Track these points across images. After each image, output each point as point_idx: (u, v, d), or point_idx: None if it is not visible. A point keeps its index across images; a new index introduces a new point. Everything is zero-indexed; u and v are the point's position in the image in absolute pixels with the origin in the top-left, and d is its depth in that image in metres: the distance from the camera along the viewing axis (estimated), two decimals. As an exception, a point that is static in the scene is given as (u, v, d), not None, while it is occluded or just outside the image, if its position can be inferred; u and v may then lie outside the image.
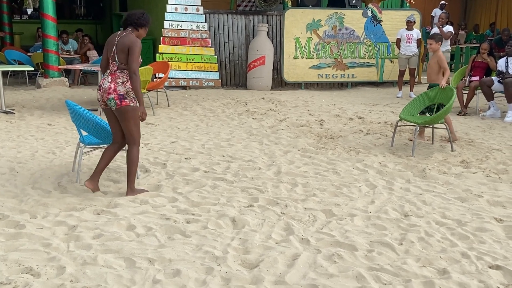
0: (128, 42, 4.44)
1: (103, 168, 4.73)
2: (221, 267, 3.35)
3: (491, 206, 4.56)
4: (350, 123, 7.98)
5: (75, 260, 3.40)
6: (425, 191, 4.94)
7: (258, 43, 11.56)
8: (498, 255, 3.57)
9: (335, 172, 5.47)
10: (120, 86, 4.46)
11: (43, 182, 5.02)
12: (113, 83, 4.46)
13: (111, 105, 4.49)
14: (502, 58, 8.76)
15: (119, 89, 4.45)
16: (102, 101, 4.55)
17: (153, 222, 4.07)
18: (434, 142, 6.72)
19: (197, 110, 8.96)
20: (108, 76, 4.52)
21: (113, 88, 4.45)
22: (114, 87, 4.45)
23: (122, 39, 4.48)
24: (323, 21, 11.82)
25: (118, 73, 4.48)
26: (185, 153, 6.19)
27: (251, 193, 4.80)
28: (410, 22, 10.76)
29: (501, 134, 7.29)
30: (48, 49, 10.77)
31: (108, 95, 4.46)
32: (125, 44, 4.44)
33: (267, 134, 7.19)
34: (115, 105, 4.46)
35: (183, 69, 11.43)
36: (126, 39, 4.46)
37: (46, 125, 7.68)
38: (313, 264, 3.39)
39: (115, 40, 4.51)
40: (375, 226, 4.08)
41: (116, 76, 4.48)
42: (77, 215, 4.19)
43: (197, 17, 11.49)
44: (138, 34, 4.60)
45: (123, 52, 4.45)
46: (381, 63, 12.28)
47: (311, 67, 11.95)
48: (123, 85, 4.46)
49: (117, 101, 4.45)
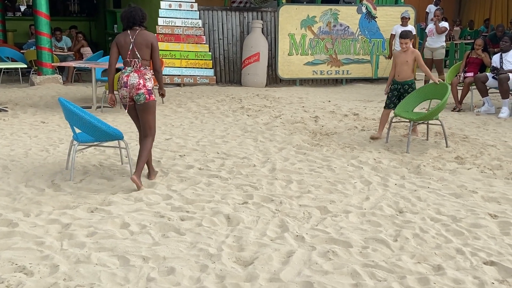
0: (151, 38, 4.75)
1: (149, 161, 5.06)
2: (215, 264, 3.33)
3: (486, 202, 4.56)
4: (345, 120, 7.98)
5: (69, 259, 3.38)
6: (420, 187, 4.93)
7: (253, 39, 11.53)
8: (493, 251, 3.58)
9: (330, 169, 5.47)
10: (148, 82, 4.76)
11: (37, 180, 4.99)
12: (142, 79, 4.71)
13: (140, 99, 4.73)
14: (496, 54, 8.78)
15: (148, 84, 4.75)
16: (129, 97, 4.76)
17: (147, 219, 4.05)
18: (429, 138, 6.72)
19: (192, 107, 8.93)
20: (134, 73, 4.73)
21: (142, 84, 4.72)
22: (144, 83, 4.72)
23: (141, 37, 4.73)
24: (317, 17, 11.80)
25: (143, 70, 4.76)
26: (179, 150, 6.17)
27: (246, 190, 4.78)
28: (405, 18, 10.74)
29: (496, 130, 7.30)
30: (41, 46, 10.71)
31: (137, 91, 4.70)
32: (148, 40, 4.74)
33: (262, 131, 7.17)
34: (144, 99, 4.72)
35: (178, 66, 11.39)
36: (146, 36, 4.75)
37: (39, 122, 7.64)
38: (308, 261, 3.39)
39: (131, 39, 4.72)
40: (370, 223, 4.08)
41: (143, 73, 4.74)
42: (70, 213, 4.16)
43: (191, 13, 11.44)
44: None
45: (146, 48, 4.72)
46: (375, 59, 12.28)
47: (305, 63, 11.93)
48: (150, 81, 4.79)
49: (147, 95, 4.73)
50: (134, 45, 4.70)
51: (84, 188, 4.82)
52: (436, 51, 10.52)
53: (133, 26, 4.76)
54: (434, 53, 10.53)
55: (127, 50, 4.72)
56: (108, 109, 8.58)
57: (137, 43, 4.71)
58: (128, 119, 7.98)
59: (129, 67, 4.76)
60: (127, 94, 4.74)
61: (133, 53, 4.72)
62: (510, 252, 3.56)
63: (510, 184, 5.03)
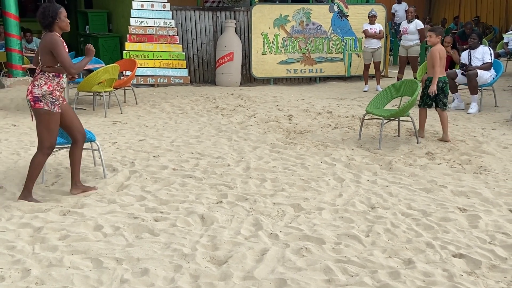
0: (47, 42, 4.38)
1: (78, 170, 4.74)
2: (189, 264, 3.34)
3: (455, 196, 4.67)
4: (318, 118, 8.05)
5: (41, 262, 3.35)
6: (392, 183, 5.02)
7: (226, 39, 11.53)
8: (462, 244, 3.67)
9: (304, 167, 5.52)
10: (36, 88, 4.43)
11: (8, 183, 4.92)
12: (31, 85, 4.48)
13: (28, 105, 4.50)
14: (465, 51, 8.94)
15: (34, 91, 4.43)
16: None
17: (121, 221, 4.03)
18: (400, 135, 6.83)
19: (166, 108, 8.90)
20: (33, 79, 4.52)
21: (29, 90, 4.46)
22: (31, 89, 4.45)
23: (42, 42, 4.43)
24: (290, 16, 11.86)
25: (39, 75, 4.47)
26: (153, 151, 6.15)
27: (220, 190, 4.80)
28: (374, 16, 10.87)
29: (465, 126, 7.45)
30: (11, 48, 10.52)
31: (26, 96, 4.49)
32: (46, 46, 4.39)
33: (236, 130, 7.19)
34: (30, 107, 4.48)
35: (151, 66, 11.33)
36: (44, 40, 4.40)
37: (10, 125, 7.52)
38: (281, 259, 3.42)
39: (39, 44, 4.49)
40: (342, 219, 4.14)
41: (36, 79, 4.46)
42: (42, 216, 4.12)
43: (163, 13, 11.38)
44: (60, 28, 4.47)
45: (46, 54, 4.41)
46: (348, 58, 12.40)
47: (279, 62, 11.98)
48: (39, 88, 4.43)
49: (32, 102, 4.44)
50: (39, 50, 4.45)
51: (57, 191, 4.77)
52: (410, 49, 10.64)
53: (43, 29, 4.46)
54: (409, 50, 10.65)
55: (36, 56, 4.53)
56: (81, 111, 8.49)
57: (40, 49, 4.43)
58: (101, 120, 7.92)
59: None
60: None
61: (37, 59, 4.49)
62: (478, 245, 3.65)
63: (479, 178, 5.15)
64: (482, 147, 6.16)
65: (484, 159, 5.74)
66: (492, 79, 8.69)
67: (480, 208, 4.35)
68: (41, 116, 4.44)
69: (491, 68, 8.63)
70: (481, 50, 8.66)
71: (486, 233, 3.87)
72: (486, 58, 8.60)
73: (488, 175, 5.25)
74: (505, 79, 11.27)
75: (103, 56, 12.27)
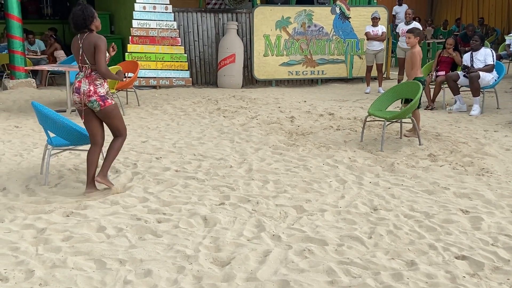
0: (94, 41, 4.50)
1: (94, 173, 4.76)
2: (192, 265, 3.35)
3: (458, 198, 4.67)
4: (320, 120, 8.05)
5: (44, 263, 3.36)
6: (394, 185, 5.02)
7: (228, 41, 11.55)
8: (464, 245, 3.67)
9: (306, 168, 5.52)
10: (99, 87, 4.57)
11: (11, 185, 4.93)
12: (92, 85, 4.55)
13: (94, 106, 4.57)
14: (467, 53, 8.95)
15: (99, 90, 4.56)
16: (82, 104, 4.58)
17: (124, 222, 4.04)
18: (403, 137, 6.83)
19: (168, 109, 8.91)
20: (85, 79, 4.57)
21: (93, 90, 4.54)
22: (95, 89, 4.55)
23: (87, 41, 4.52)
24: (292, 18, 11.87)
25: (94, 75, 4.57)
26: (156, 152, 6.16)
27: (223, 191, 4.80)
28: (376, 18, 10.90)
29: (467, 128, 7.45)
30: (13, 50, 10.55)
31: (89, 98, 4.54)
32: (90, 44, 4.50)
33: (238, 132, 7.20)
34: (99, 107, 4.57)
35: (153, 68, 11.35)
36: (90, 40, 4.51)
37: (13, 127, 7.54)
38: (284, 260, 3.43)
39: (80, 44, 4.55)
40: (345, 221, 4.14)
41: (93, 78, 4.56)
42: (46, 217, 4.13)
43: (166, 15, 11.41)
44: (96, 27, 4.61)
45: (91, 54, 4.52)
46: (350, 59, 12.41)
47: (281, 64, 11.99)
48: (102, 86, 4.59)
49: (100, 102, 4.56)
50: (82, 51, 4.53)
51: (60, 192, 4.79)
52: (409, 51, 10.69)
53: (79, 30, 4.56)
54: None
55: (78, 55, 4.58)
56: (83, 113, 8.50)
57: (84, 49, 4.52)
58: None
59: (81, 72, 4.61)
60: (78, 100, 4.57)
61: (83, 59, 4.56)
62: (480, 246, 3.65)
63: (481, 180, 5.15)
64: (484, 149, 6.16)
65: (486, 161, 5.74)
66: (494, 81, 8.69)
67: (482, 210, 4.35)
68: (113, 111, 4.65)
69: (493, 70, 8.64)
70: (483, 52, 8.67)
71: (489, 235, 3.87)
72: (488, 60, 8.60)
73: (490, 177, 5.26)
74: (507, 81, 11.27)
75: (105, 58, 12.28)
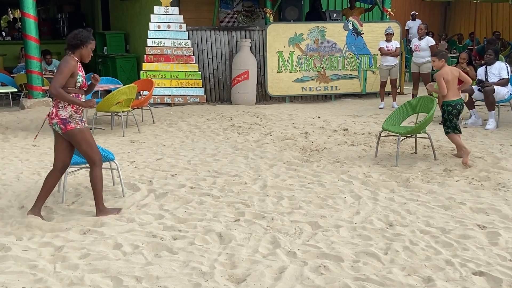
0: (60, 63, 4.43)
1: (45, 197, 4.65)
2: (208, 282, 3.36)
3: (474, 213, 4.63)
4: (334, 135, 8.06)
5: (62, 281, 3.39)
6: (409, 200, 5.00)
7: (242, 58, 11.64)
8: (482, 261, 3.63)
9: (320, 184, 5.52)
10: (61, 110, 4.44)
11: (29, 203, 4.99)
12: (55, 107, 4.46)
13: (57, 129, 4.48)
14: (481, 67, 8.92)
15: (60, 113, 4.44)
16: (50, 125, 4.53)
17: (140, 239, 4.07)
18: (417, 151, 6.81)
19: (183, 127, 8.99)
20: (54, 101, 4.53)
21: (54, 113, 4.45)
22: (56, 112, 4.45)
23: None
24: (305, 35, 11.95)
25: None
26: (171, 169, 6.20)
27: (237, 208, 4.82)
28: (390, 34, 10.93)
29: (483, 142, 7.40)
30: (31, 70, 10.75)
31: (51, 120, 4.46)
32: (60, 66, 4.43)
33: (253, 148, 7.23)
34: (61, 130, 4.46)
35: (168, 86, 11.46)
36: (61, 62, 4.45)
37: (30, 146, 7.65)
38: (299, 277, 3.42)
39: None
40: (360, 237, 4.13)
41: (57, 101, 4.46)
42: (63, 235, 4.18)
43: (180, 34, 11.55)
44: (81, 55, 4.52)
45: None
46: (363, 75, 12.42)
47: (294, 80, 12.04)
48: (64, 109, 4.45)
49: (61, 125, 4.44)
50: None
51: (77, 210, 4.84)
52: (422, 66, 10.75)
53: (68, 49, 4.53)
54: (421, 67, 10.77)
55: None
56: (99, 131, 8.61)
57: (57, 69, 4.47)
58: (119, 140, 8.02)
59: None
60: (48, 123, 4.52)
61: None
62: (498, 262, 3.62)
63: (498, 195, 5.11)
64: (501, 163, 6.11)
65: (503, 176, 5.69)
66: (510, 95, 8.64)
67: (499, 225, 4.31)
68: (77, 136, 4.46)
69: (508, 84, 8.59)
70: (497, 66, 8.63)
71: (506, 250, 3.83)
72: (502, 74, 8.56)
73: (507, 191, 5.21)
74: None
75: (121, 77, 12.47)
